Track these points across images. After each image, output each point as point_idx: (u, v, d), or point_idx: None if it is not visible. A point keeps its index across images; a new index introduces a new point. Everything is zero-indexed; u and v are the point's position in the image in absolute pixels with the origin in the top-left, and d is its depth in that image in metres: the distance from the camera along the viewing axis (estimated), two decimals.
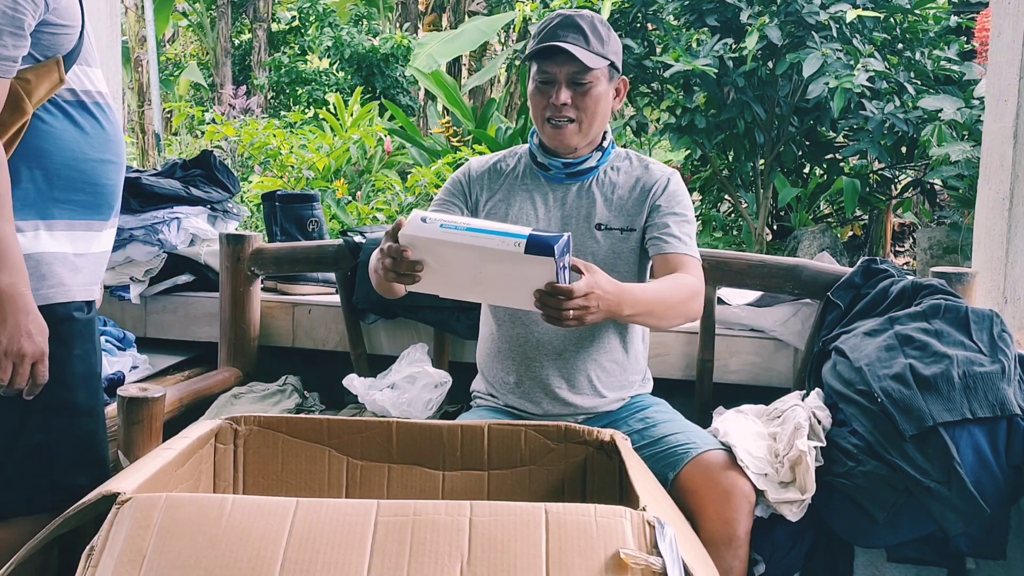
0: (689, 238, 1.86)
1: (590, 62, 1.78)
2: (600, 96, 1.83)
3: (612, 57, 1.83)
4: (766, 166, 5.41)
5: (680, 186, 1.91)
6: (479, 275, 1.48)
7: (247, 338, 2.48)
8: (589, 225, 1.87)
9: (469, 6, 11.24)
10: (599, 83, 1.82)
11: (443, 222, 1.46)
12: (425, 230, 1.46)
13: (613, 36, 1.87)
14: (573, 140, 1.85)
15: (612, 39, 1.86)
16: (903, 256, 6.41)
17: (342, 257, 2.39)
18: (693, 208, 1.92)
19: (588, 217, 1.88)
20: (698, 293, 1.80)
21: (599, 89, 1.82)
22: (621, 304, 1.61)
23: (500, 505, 1.04)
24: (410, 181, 5.73)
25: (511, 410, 1.91)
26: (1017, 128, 2.36)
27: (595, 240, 1.86)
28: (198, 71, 12.71)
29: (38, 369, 1.45)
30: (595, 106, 1.82)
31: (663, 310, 1.73)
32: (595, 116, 1.83)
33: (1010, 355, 1.75)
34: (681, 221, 1.86)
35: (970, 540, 1.66)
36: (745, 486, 1.64)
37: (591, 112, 1.82)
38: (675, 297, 1.75)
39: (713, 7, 5.12)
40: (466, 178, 1.98)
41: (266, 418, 1.48)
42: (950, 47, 5.05)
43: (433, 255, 1.49)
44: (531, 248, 1.39)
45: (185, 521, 1.01)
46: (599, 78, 1.82)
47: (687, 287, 1.78)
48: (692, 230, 1.89)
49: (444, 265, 1.50)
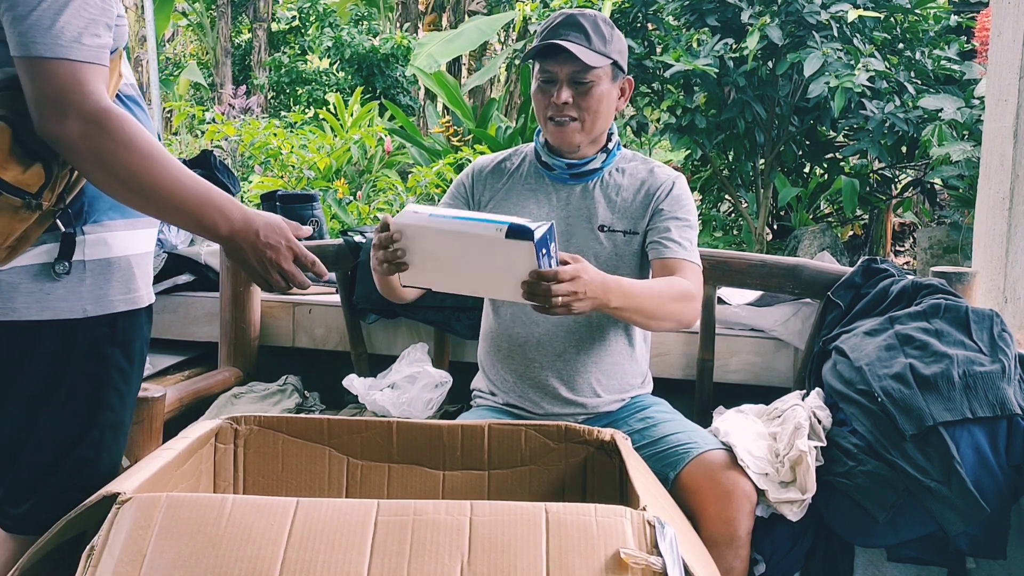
0: (690, 243, 1.85)
1: (591, 61, 1.77)
2: (602, 95, 1.82)
3: (615, 56, 1.82)
4: (766, 166, 5.41)
5: (684, 190, 1.90)
6: (467, 263, 1.49)
7: (247, 338, 2.48)
8: (592, 227, 1.87)
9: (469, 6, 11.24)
10: (601, 82, 1.81)
11: (432, 212, 1.50)
12: (414, 219, 1.49)
13: (617, 35, 1.85)
14: (576, 138, 1.84)
15: (616, 38, 1.84)
16: (903, 256, 6.41)
17: (342, 257, 2.39)
18: (697, 212, 1.91)
19: (591, 219, 1.87)
20: (693, 297, 1.78)
21: (601, 88, 1.81)
22: (608, 294, 1.59)
23: (500, 505, 1.04)
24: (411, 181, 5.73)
25: (511, 409, 1.91)
26: (1017, 128, 2.36)
27: (598, 242, 1.86)
28: (198, 71, 12.72)
29: (300, 262, 1.42)
30: (597, 105, 1.82)
31: (653, 307, 1.70)
32: (598, 115, 1.83)
33: (1010, 355, 1.75)
34: (683, 226, 1.85)
35: (970, 540, 1.66)
36: (746, 486, 1.64)
37: (593, 111, 1.82)
38: (666, 295, 1.73)
39: (713, 7, 5.12)
40: (469, 180, 1.98)
41: (266, 418, 1.48)
42: (950, 47, 5.05)
43: (422, 244, 1.50)
44: (512, 233, 1.41)
45: (185, 521, 1.01)
46: (601, 77, 1.81)
47: (681, 289, 1.76)
48: (694, 235, 1.87)
49: (433, 255, 1.51)
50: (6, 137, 1.25)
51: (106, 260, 1.41)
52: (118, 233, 1.43)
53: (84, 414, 1.42)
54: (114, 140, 1.25)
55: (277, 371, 2.49)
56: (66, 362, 1.38)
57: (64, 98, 1.23)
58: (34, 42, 1.23)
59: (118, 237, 1.43)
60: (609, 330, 1.88)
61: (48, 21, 1.23)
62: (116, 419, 1.47)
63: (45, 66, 1.23)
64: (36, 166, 1.27)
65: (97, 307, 1.39)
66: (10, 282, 1.33)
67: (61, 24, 1.24)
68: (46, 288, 1.35)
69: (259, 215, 1.39)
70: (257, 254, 1.38)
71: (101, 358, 1.42)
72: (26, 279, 1.34)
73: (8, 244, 1.28)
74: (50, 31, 1.23)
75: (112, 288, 1.41)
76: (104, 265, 1.40)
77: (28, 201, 1.27)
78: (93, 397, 1.42)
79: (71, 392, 1.39)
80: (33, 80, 1.24)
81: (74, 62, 1.24)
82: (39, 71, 1.23)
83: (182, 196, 1.30)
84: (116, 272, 1.42)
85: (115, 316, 1.42)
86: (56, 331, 1.36)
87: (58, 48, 1.23)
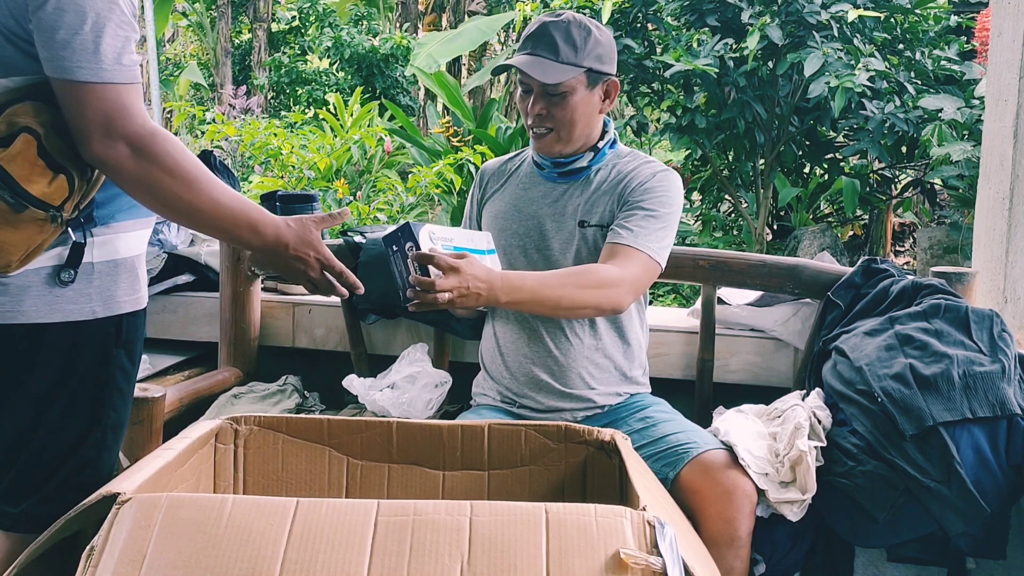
0: (643, 231, 1.80)
1: (555, 78, 1.78)
2: (576, 105, 1.82)
3: (588, 64, 1.80)
4: (766, 166, 5.41)
5: (663, 183, 1.85)
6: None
7: (247, 338, 2.48)
8: (573, 224, 1.88)
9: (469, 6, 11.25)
10: (575, 92, 1.81)
11: None
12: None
13: (597, 38, 1.82)
14: (554, 148, 1.87)
15: (593, 42, 1.81)
16: (903, 256, 6.41)
17: (342, 257, 2.39)
18: (678, 210, 1.86)
19: (574, 215, 1.89)
20: (613, 283, 1.74)
21: (575, 98, 1.81)
22: (494, 291, 1.64)
23: (500, 505, 1.04)
24: (411, 181, 5.74)
25: (511, 408, 1.92)
26: (1017, 128, 2.36)
27: (579, 238, 1.88)
28: (198, 71, 12.72)
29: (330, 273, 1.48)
30: (571, 115, 1.82)
31: (554, 298, 1.71)
32: (573, 124, 1.83)
33: (1010, 355, 1.75)
34: (646, 216, 1.81)
35: (970, 540, 1.66)
36: (747, 485, 1.64)
37: (568, 121, 1.83)
38: (569, 284, 1.72)
39: (714, 7, 5.12)
40: (476, 185, 2.07)
41: (266, 418, 1.48)
42: (950, 47, 5.05)
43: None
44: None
45: (185, 521, 1.01)
46: (574, 87, 1.81)
47: (595, 277, 1.74)
48: (655, 225, 1.81)
49: None
50: (32, 149, 1.26)
51: (113, 261, 1.42)
52: (124, 234, 1.44)
53: (88, 414, 1.42)
54: (159, 166, 1.29)
55: (277, 371, 2.49)
56: (72, 363, 1.39)
57: (111, 123, 1.26)
58: (79, 67, 1.25)
59: (124, 238, 1.44)
60: (600, 325, 1.90)
61: (91, 45, 1.25)
62: (118, 419, 1.48)
63: (90, 91, 1.25)
64: (60, 178, 1.29)
65: (105, 308, 1.40)
66: (20, 284, 1.33)
67: (104, 47, 1.26)
68: (56, 290, 1.36)
69: (291, 228, 1.44)
70: (288, 266, 1.45)
71: (107, 359, 1.43)
72: (36, 282, 1.34)
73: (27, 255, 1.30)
74: (95, 55, 1.25)
75: (119, 289, 1.43)
76: (111, 266, 1.41)
77: (52, 215, 1.29)
78: (97, 398, 1.43)
79: (76, 393, 1.40)
80: (77, 104, 1.26)
81: (117, 85, 1.27)
82: (84, 95, 1.25)
83: (219, 216, 1.37)
84: (123, 273, 1.44)
85: (121, 317, 1.43)
86: (63, 332, 1.37)
87: (102, 72, 1.26)
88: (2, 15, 1.26)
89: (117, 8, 1.28)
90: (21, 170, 1.25)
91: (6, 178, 1.24)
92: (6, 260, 1.28)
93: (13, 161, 1.24)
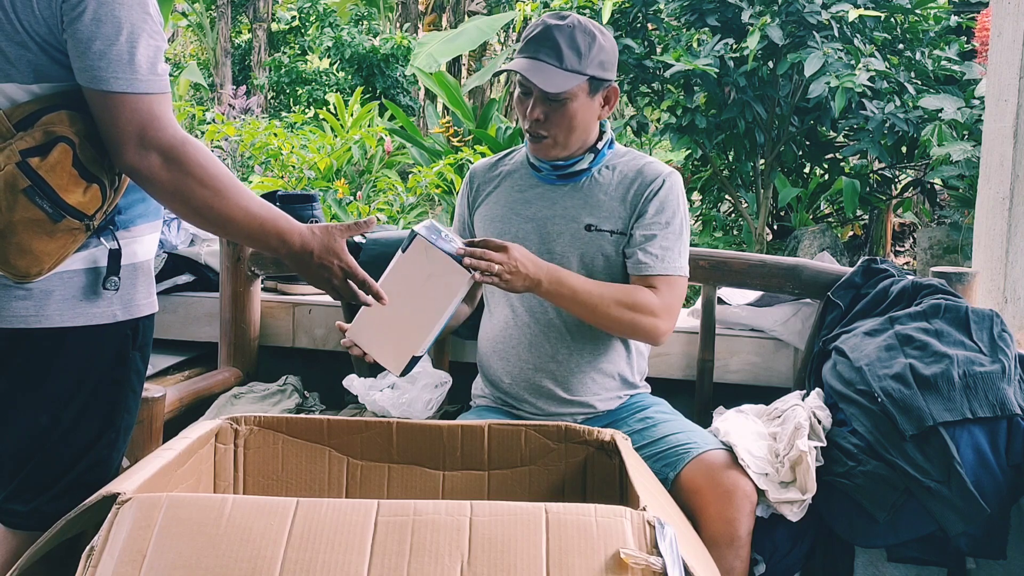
0: (668, 252, 1.81)
1: (559, 87, 1.74)
2: (576, 111, 1.79)
3: (591, 72, 1.77)
4: (766, 166, 5.41)
5: (672, 190, 1.85)
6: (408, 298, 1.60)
7: (247, 338, 2.48)
8: (579, 226, 1.85)
9: (469, 6, 11.25)
10: (575, 99, 1.78)
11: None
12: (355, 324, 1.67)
13: (601, 44, 1.79)
14: (551, 153, 1.84)
15: (597, 48, 1.78)
16: (903, 256, 6.41)
17: None
18: (686, 212, 1.87)
19: (577, 218, 1.86)
20: (654, 312, 1.76)
21: (576, 104, 1.78)
22: (540, 273, 1.68)
23: (500, 505, 1.04)
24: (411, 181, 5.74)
25: (510, 410, 1.91)
26: (1017, 128, 2.36)
27: (585, 242, 1.84)
28: (198, 71, 12.72)
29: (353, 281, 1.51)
30: (570, 121, 1.79)
31: (593, 303, 1.73)
32: (572, 131, 1.81)
33: (1010, 355, 1.75)
34: (666, 233, 1.82)
35: (970, 540, 1.66)
36: (747, 486, 1.64)
37: (567, 127, 1.80)
38: (610, 298, 1.74)
39: (714, 7, 5.12)
40: (466, 187, 2.02)
41: (266, 418, 1.48)
42: (950, 47, 5.05)
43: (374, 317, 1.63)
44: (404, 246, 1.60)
45: (185, 521, 1.01)
46: (576, 93, 1.77)
47: (639, 299, 1.76)
48: (676, 241, 1.83)
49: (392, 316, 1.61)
50: (68, 159, 1.27)
51: (133, 265, 1.43)
52: (140, 238, 1.46)
53: (104, 416, 1.43)
54: (191, 176, 1.31)
55: (277, 371, 2.49)
56: (91, 366, 1.40)
57: (145, 133, 1.27)
58: (115, 77, 1.26)
59: (141, 242, 1.46)
60: (603, 333, 1.87)
61: (127, 56, 1.26)
62: (130, 420, 1.49)
63: (126, 101, 1.27)
64: (93, 187, 1.30)
65: (125, 311, 1.42)
66: (43, 289, 1.34)
67: (138, 58, 1.27)
68: (79, 295, 1.36)
69: (316, 236, 1.46)
70: (313, 273, 1.48)
71: (124, 361, 1.44)
72: (59, 286, 1.35)
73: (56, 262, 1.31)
74: (130, 66, 1.26)
75: (138, 292, 1.44)
76: (131, 270, 1.43)
77: (86, 224, 1.31)
78: (113, 399, 1.44)
79: (93, 395, 1.41)
80: (111, 114, 1.27)
81: (151, 95, 1.29)
82: (119, 105, 1.26)
83: (249, 224, 1.39)
84: (140, 276, 1.45)
85: (138, 320, 1.44)
86: (85, 336, 1.38)
87: (137, 83, 1.27)
88: (36, 23, 1.26)
89: (150, 19, 1.29)
90: (60, 180, 1.26)
91: (46, 188, 1.26)
92: (38, 268, 1.29)
93: (52, 171, 1.26)
